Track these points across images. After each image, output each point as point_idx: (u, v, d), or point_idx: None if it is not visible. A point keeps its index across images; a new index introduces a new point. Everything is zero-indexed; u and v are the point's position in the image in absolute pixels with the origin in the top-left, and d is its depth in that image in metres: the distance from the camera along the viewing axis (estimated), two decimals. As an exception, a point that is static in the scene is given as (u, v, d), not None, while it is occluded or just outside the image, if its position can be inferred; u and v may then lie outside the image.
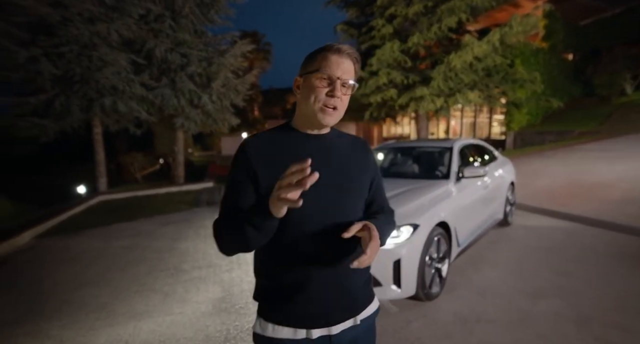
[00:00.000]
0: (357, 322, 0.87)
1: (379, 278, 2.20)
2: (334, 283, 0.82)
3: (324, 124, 0.82)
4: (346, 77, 0.79)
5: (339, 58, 0.79)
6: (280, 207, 0.65)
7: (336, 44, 0.81)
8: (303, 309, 0.81)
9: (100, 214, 6.22)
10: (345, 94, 0.81)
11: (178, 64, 8.94)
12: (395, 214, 1.07)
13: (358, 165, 0.91)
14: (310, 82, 0.80)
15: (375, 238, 0.75)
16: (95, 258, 3.81)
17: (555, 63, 13.75)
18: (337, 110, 0.81)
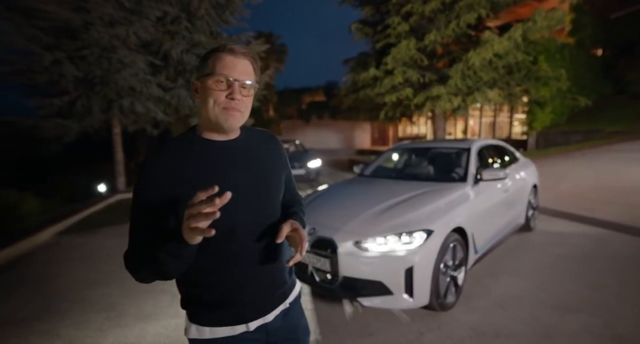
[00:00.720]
0: (287, 305, 0.94)
1: (390, 285, 2.09)
2: (268, 280, 0.87)
3: (226, 128, 0.80)
4: (243, 78, 0.78)
5: (234, 59, 0.78)
6: (194, 236, 0.63)
7: (230, 44, 0.79)
8: (240, 309, 0.84)
9: (118, 212, 6.36)
10: (245, 95, 0.79)
11: (194, 65, 9.06)
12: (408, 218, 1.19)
13: (273, 162, 0.93)
14: (207, 86, 0.77)
15: (304, 238, 0.82)
16: (109, 256, 3.87)
17: (582, 59, 13.07)
18: (241, 112, 0.80)
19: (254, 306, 0.86)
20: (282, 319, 0.92)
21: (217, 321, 0.84)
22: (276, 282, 0.90)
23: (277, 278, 0.91)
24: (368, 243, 2.20)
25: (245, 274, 0.84)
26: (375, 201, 2.60)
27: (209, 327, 0.84)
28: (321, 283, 2.38)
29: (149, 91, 8.19)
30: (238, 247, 0.82)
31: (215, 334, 0.83)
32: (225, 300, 0.83)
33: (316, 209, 2.74)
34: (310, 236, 2.42)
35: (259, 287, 0.86)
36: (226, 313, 0.84)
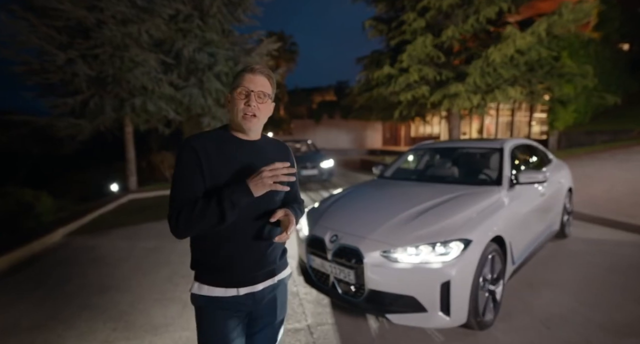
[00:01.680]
0: (275, 281, 1.12)
1: (423, 302, 1.87)
2: (260, 255, 1.06)
3: (245, 129, 1.04)
4: (260, 90, 1.01)
5: (253, 76, 1.02)
6: (263, 190, 0.94)
7: (251, 65, 1.05)
8: (234, 275, 1.04)
9: (129, 212, 6.29)
10: (261, 103, 1.02)
11: (205, 63, 8.97)
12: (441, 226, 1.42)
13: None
14: (233, 97, 1.03)
15: (293, 223, 1.03)
16: (120, 259, 3.76)
17: (608, 55, 12.46)
18: (257, 117, 1.03)
19: (245, 275, 1.05)
20: (269, 292, 1.11)
21: (214, 282, 1.04)
22: (267, 259, 1.08)
23: (268, 256, 1.08)
24: (397, 253, 1.98)
25: (240, 248, 1.04)
26: (402, 206, 2.37)
27: (207, 286, 1.04)
28: (344, 296, 2.17)
29: (160, 90, 8.13)
30: (238, 226, 1.01)
31: (212, 292, 1.04)
32: (222, 266, 1.04)
33: (337, 214, 2.54)
34: (332, 243, 2.22)
35: (251, 261, 1.06)
36: (222, 277, 1.04)
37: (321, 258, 2.30)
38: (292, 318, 2.38)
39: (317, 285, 2.39)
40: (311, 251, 2.40)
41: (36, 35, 6.79)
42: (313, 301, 2.63)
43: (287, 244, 1.21)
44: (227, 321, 1.05)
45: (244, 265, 1.05)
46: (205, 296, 1.04)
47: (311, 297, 2.70)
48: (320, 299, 2.65)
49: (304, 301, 2.63)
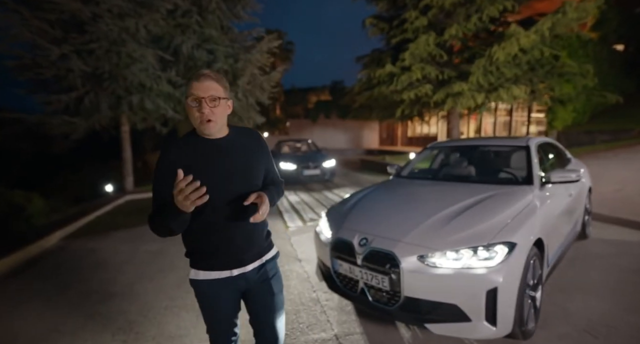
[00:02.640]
0: (263, 261, 1.26)
1: (467, 310, 1.73)
2: (245, 239, 1.19)
3: (206, 133, 1.11)
4: (210, 94, 1.05)
5: (199, 83, 1.06)
6: (184, 208, 0.95)
7: (198, 72, 1.10)
8: (225, 259, 1.18)
9: (127, 214, 6.06)
10: (214, 107, 1.07)
11: (204, 60, 8.75)
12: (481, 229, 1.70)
13: (253, 153, 1.22)
14: (187, 105, 1.08)
15: (265, 202, 1.12)
16: (123, 263, 3.55)
17: (605, 56, 12.57)
18: (213, 121, 1.08)
19: (235, 258, 1.18)
20: (258, 271, 1.24)
21: (209, 267, 1.17)
22: (252, 243, 1.22)
23: (253, 239, 1.22)
24: (436, 258, 1.85)
25: (227, 235, 1.15)
26: (434, 208, 2.24)
27: (203, 271, 1.18)
28: (375, 303, 2.03)
29: (158, 87, 7.88)
30: (221, 215, 1.13)
31: (208, 276, 1.17)
32: (214, 252, 1.17)
33: (363, 215, 2.39)
34: (362, 247, 2.08)
35: (238, 245, 1.18)
36: (215, 262, 1.17)
37: (349, 263, 2.15)
38: (317, 327, 2.23)
39: (343, 292, 2.24)
40: (337, 256, 2.25)
41: (29, 29, 6.51)
42: (336, 308, 2.48)
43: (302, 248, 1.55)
44: (223, 298, 1.22)
45: (232, 250, 1.18)
46: (202, 281, 1.19)
47: (333, 303, 2.55)
48: (344, 306, 2.50)
49: (326, 309, 2.48)
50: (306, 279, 3.04)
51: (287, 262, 3.43)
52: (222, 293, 1.20)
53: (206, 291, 1.20)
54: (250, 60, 8.95)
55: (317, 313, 2.43)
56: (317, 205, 6.23)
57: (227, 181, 1.14)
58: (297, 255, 3.64)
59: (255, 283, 1.25)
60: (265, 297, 1.27)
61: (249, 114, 9.80)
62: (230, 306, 1.25)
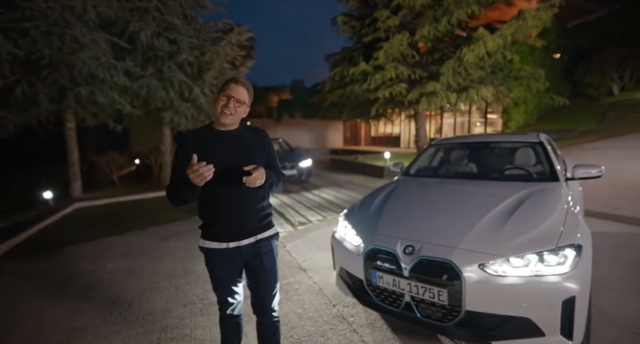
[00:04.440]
0: (257, 239, 1.48)
1: (541, 325, 1.55)
2: (240, 216, 1.43)
3: (222, 122, 1.39)
4: (238, 97, 1.37)
5: (236, 86, 1.37)
6: (200, 183, 1.24)
7: (236, 77, 1.42)
8: (222, 233, 1.43)
9: (80, 225, 5.15)
10: (238, 107, 1.38)
11: (166, 51, 7.89)
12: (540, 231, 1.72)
13: (255, 146, 1.49)
14: (218, 97, 1.38)
15: (260, 171, 1.32)
16: (87, 288, 2.89)
17: (548, 63, 13.87)
18: (232, 115, 1.38)
19: (230, 232, 1.43)
20: (252, 247, 1.48)
21: (210, 238, 1.45)
22: (246, 221, 1.45)
23: (247, 218, 1.45)
24: (498, 265, 1.64)
25: (225, 211, 1.41)
26: (476, 209, 2.05)
27: (207, 241, 1.45)
28: (425, 320, 1.77)
29: (113, 79, 6.91)
30: (223, 193, 1.40)
31: (209, 245, 1.45)
32: (213, 225, 1.44)
33: (400, 220, 2.13)
34: (408, 256, 1.81)
35: (234, 221, 1.43)
36: (214, 233, 1.44)
37: (392, 275, 1.86)
38: (355, 352, 1.91)
39: (380, 307, 1.96)
40: (375, 266, 1.95)
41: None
42: (367, 325, 2.18)
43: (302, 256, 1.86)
44: (224, 267, 1.45)
45: (228, 225, 1.41)
46: (205, 248, 1.45)
47: (361, 320, 2.25)
48: (373, 321, 2.22)
49: (355, 326, 2.17)
50: (319, 291, 2.70)
51: (290, 273, 3.06)
52: (219, 261, 1.45)
53: (208, 258, 1.48)
54: (218, 52, 8.26)
55: (347, 332, 2.12)
56: (301, 207, 5.88)
57: (230, 163, 1.36)
58: (300, 264, 3.27)
59: (249, 257, 1.48)
60: (257, 270, 1.51)
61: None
62: (228, 273, 1.48)
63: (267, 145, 1.53)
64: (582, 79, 14.32)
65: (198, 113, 8.70)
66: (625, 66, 14.15)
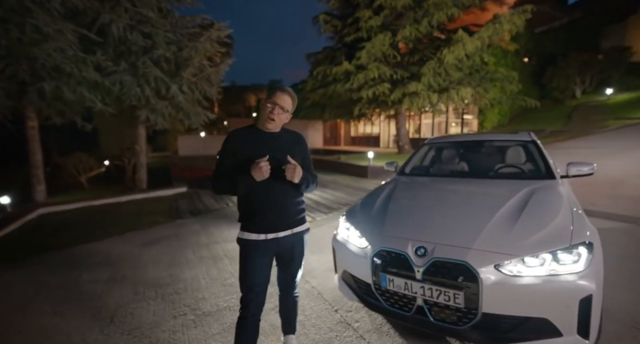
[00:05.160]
0: (293, 232, 1.61)
1: (559, 325, 1.53)
2: (277, 211, 1.56)
3: (266, 126, 1.55)
4: (282, 105, 1.51)
5: (282, 94, 1.52)
6: (261, 177, 1.42)
7: (283, 86, 1.61)
8: (261, 225, 1.54)
9: (47, 232, 4.72)
10: (281, 114, 1.52)
11: (141, 45, 7.46)
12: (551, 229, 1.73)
13: (294, 149, 1.60)
14: (265, 104, 1.53)
15: (299, 168, 1.48)
16: (60, 301, 2.61)
17: (519, 66, 14.55)
18: (275, 121, 1.53)
19: (269, 225, 1.55)
20: (288, 239, 1.60)
21: (249, 229, 1.55)
22: (285, 214, 1.59)
23: (286, 212, 1.59)
24: (512, 266, 1.61)
25: (265, 205, 1.53)
26: (482, 208, 2.03)
27: (246, 232, 1.56)
28: (438, 324, 1.71)
29: (82, 74, 6.43)
30: (264, 189, 1.51)
31: (248, 237, 1.55)
32: (252, 218, 1.55)
33: (407, 221, 2.07)
34: (421, 258, 1.75)
35: (272, 214, 1.55)
36: (254, 225, 1.55)
37: (403, 278, 1.79)
38: (366, 360, 1.82)
39: (390, 312, 1.88)
40: (384, 269, 1.87)
41: None
42: (374, 330, 2.10)
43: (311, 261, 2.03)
44: (258, 258, 1.55)
45: (267, 218, 1.53)
46: (244, 239, 1.56)
47: (366, 324, 2.17)
48: (379, 326, 2.14)
49: (361, 332, 2.08)
50: (318, 296, 2.59)
51: (286, 278, 2.92)
52: (255, 252, 1.55)
53: (245, 249, 1.58)
54: (197, 49, 7.92)
55: (354, 339, 2.02)
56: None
57: (271, 161, 1.45)
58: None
59: (284, 249, 1.61)
60: (288, 260, 1.65)
61: (196, 109, 8.71)
62: (259, 264, 1.56)
63: (304, 148, 1.68)
64: (549, 83, 15.16)
65: (176, 112, 8.30)
66: (586, 71, 15.13)
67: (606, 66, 15.55)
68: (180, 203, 6.46)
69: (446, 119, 15.81)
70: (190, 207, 6.02)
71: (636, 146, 8.41)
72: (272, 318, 2.28)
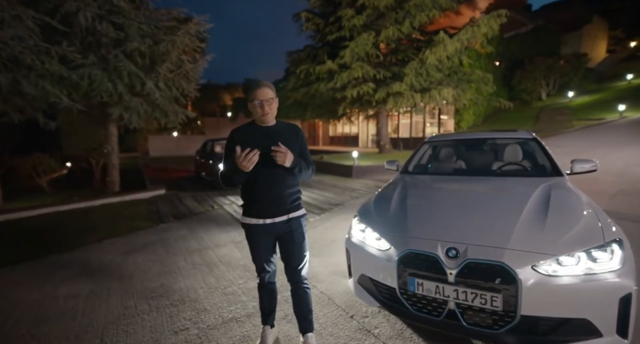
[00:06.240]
0: (289, 217, 1.75)
1: (599, 325, 1.50)
2: (276, 198, 1.71)
3: (264, 122, 1.70)
4: (267, 97, 1.64)
5: (261, 90, 1.64)
6: (247, 168, 1.54)
7: (256, 82, 1.75)
8: (259, 210, 1.71)
9: (7, 243, 4.20)
10: (270, 104, 1.66)
11: (112, 37, 6.92)
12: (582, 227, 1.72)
13: (291, 139, 1.74)
14: (253, 106, 1.66)
15: (288, 151, 1.60)
16: (36, 322, 2.27)
17: (491, 69, 15.20)
18: (269, 113, 1.67)
19: (267, 210, 1.71)
20: (285, 224, 1.74)
21: (250, 215, 1.73)
22: (281, 201, 1.72)
23: (281, 199, 1.72)
24: (548, 265, 1.57)
25: (263, 192, 1.69)
26: (505, 206, 2.00)
27: (247, 217, 1.74)
28: (473, 328, 1.64)
29: (45, 66, 5.84)
30: (261, 177, 1.66)
31: (249, 221, 1.73)
32: (252, 204, 1.73)
33: (431, 221, 1.99)
34: (453, 259, 1.67)
35: (270, 200, 1.70)
36: (254, 211, 1.72)
37: (434, 281, 1.70)
38: (397, 371, 1.71)
39: (417, 317, 1.79)
40: (412, 273, 1.77)
41: None
42: (395, 336, 2.00)
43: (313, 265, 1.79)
44: (261, 240, 1.75)
45: (265, 204, 1.70)
46: (246, 224, 1.76)
47: (386, 331, 2.06)
48: (400, 331, 2.05)
49: (383, 339, 1.98)
50: (329, 302, 2.46)
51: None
52: (257, 235, 1.73)
53: (249, 232, 1.75)
54: (175, 43, 7.46)
55: (377, 348, 1.91)
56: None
57: (267, 152, 1.57)
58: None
59: (282, 232, 1.74)
60: (288, 244, 1.76)
61: (174, 107, 8.23)
62: (264, 245, 1.75)
63: (300, 137, 1.80)
64: (518, 85, 15.98)
65: (152, 110, 7.79)
66: (550, 75, 16.13)
67: (567, 71, 16.70)
68: (160, 206, 6.04)
69: (423, 119, 16.20)
70: (172, 211, 5.64)
71: (600, 145, 9.04)
72: (285, 329, 2.12)
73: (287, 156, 1.57)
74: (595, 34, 25.15)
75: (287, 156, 1.57)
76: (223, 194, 7.04)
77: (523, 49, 17.08)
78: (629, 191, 5.04)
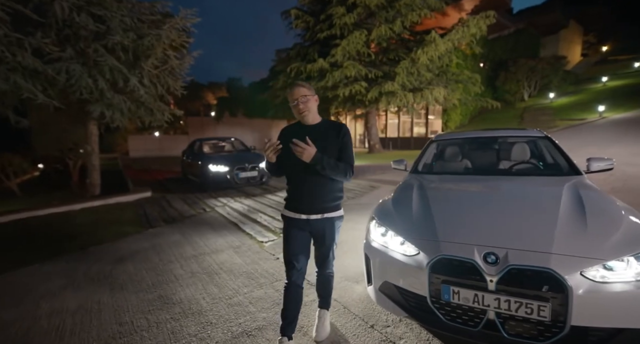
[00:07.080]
0: (324, 216, 1.78)
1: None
2: (311, 196, 1.76)
3: (305, 120, 1.78)
4: (302, 95, 1.71)
5: (296, 89, 1.71)
6: (270, 159, 1.70)
7: (292, 83, 1.94)
8: (297, 205, 1.79)
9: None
10: (306, 102, 1.73)
11: (92, 30, 6.48)
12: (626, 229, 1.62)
13: (331, 138, 1.76)
14: (292, 107, 1.74)
15: (308, 148, 1.60)
16: (22, 338, 1.99)
17: (477, 70, 15.48)
18: (307, 112, 1.74)
19: (303, 206, 1.77)
20: (319, 222, 1.78)
21: (289, 208, 1.83)
22: (318, 199, 1.77)
23: (317, 197, 1.77)
24: (595, 271, 1.47)
25: (299, 188, 1.79)
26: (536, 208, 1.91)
27: (287, 210, 1.83)
28: (515, 339, 1.52)
29: (16, 58, 5.38)
30: (297, 174, 1.77)
31: (287, 214, 1.83)
32: (291, 198, 1.83)
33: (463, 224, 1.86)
34: (493, 266, 1.55)
35: (306, 198, 1.77)
36: (292, 205, 1.81)
37: (472, 289, 1.58)
38: (434, 388, 1.57)
39: (449, 327, 1.66)
40: (446, 280, 1.64)
41: None
42: (424, 349, 1.86)
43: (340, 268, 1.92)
44: (293, 235, 1.80)
45: (302, 200, 1.78)
46: (285, 217, 1.84)
47: (412, 341, 1.92)
48: (427, 342, 1.91)
49: (412, 352, 1.83)
50: (345, 311, 2.29)
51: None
52: (293, 228, 1.81)
53: (286, 224, 1.84)
54: (160, 37, 7.09)
55: (406, 362, 1.76)
56: (273, 211, 5.34)
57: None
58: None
59: (316, 230, 1.80)
60: (320, 241, 1.84)
61: (159, 104, 7.83)
62: (296, 241, 1.80)
63: (342, 137, 1.78)
64: (502, 86, 16.36)
65: (137, 107, 7.37)
66: (532, 76, 16.62)
67: (547, 72, 17.28)
68: (148, 210, 5.69)
69: (411, 118, 16.32)
70: (161, 214, 5.31)
71: (586, 144, 9.32)
72: (301, 342, 1.94)
73: (305, 153, 1.58)
74: (571, 38, 26.24)
75: (304, 152, 1.58)
76: (214, 196, 6.75)
77: (506, 50, 17.54)
78: (620, 188, 5.15)
